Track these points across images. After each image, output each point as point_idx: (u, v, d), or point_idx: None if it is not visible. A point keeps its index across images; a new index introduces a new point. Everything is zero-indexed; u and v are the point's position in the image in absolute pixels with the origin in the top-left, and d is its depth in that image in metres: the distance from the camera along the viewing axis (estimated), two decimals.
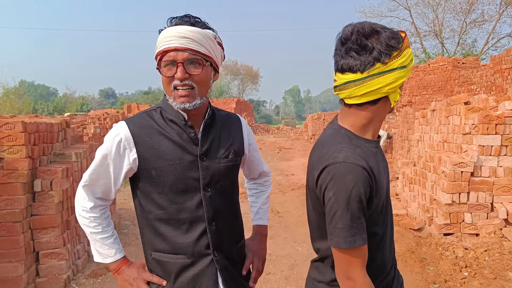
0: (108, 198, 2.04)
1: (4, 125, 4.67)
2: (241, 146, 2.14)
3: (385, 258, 1.80)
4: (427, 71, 23.39)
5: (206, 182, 1.93)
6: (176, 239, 1.94)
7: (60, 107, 59.77)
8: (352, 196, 1.53)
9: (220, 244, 2.00)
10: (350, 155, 1.59)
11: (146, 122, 1.94)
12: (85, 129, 18.70)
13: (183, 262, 1.94)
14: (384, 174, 1.77)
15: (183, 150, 1.90)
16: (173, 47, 1.78)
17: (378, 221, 1.71)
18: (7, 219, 4.62)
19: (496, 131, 6.41)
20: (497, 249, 5.69)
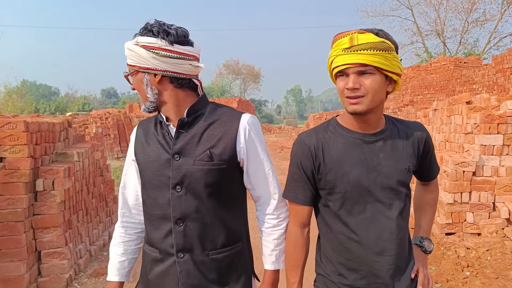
0: (139, 209, 2.16)
1: (6, 125, 4.68)
2: (229, 150, 1.94)
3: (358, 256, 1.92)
4: (429, 70, 23.38)
5: (176, 181, 1.91)
6: (151, 233, 2.02)
7: (62, 107, 59.83)
8: (292, 162, 2.02)
9: (188, 246, 1.93)
10: (306, 132, 2.03)
11: (149, 123, 2.09)
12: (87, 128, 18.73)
13: (156, 256, 2.00)
14: (359, 167, 1.90)
15: (162, 148, 1.96)
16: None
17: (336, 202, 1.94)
18: (9, 219, 4.62)
19: (498, 130, 6.40)
20: (499, 249, 5.68)
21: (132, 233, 2.17)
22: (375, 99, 1.80)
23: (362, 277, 1.92)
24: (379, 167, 1.89)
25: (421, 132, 2.01)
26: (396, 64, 1.80)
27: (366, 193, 1.89)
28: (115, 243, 2.19)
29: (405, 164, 1.93)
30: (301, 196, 2.01)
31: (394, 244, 1.90)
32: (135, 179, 2.12)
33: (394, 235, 1.90)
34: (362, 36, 1.74)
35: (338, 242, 1.96)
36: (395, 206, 1.91)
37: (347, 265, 1.94)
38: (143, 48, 1.86)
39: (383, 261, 1.89)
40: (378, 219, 1.89)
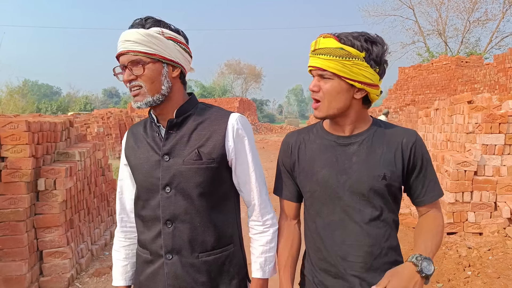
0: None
1: (8, 124, 4.68)
2: (218, 148, 1.92)
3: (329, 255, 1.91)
4: (431, 70, 23.38)
5: (165, 182, 1.90)
6: (142, 235, 2.02)
7: (64, 106, 59.89)
8: (278, 159, 2.14)
9: (176, 248, 1.92)
10: (290, 133, 2.13)
11: (139, 126, 2.10)
12: (89, 128, 18.77)
13: (147, 258, 2.00)
14: (329, 168, 1.89)
15: (151, 150, 1.96)
16: (119, 52, 1.88)
17: (307, 201, 2.02)
18: (11, 218, 4.63)
19: (500, 130, 6.40)
20: (500, 248, 5.68)
21: (132, 237, 2.14)
22: (333, 105, 1.81)
23: (333, 278, 1.90)
24: (349, 171, 1.84)
25: (407, 139, 1.88)
26: (359, 72, 1.75)
27: (335, 196, 1.86)
28: (116, 248, 2.18)
29: (379, 171, 1.82)
30: (286, 192, 2.11)
31: (360, 251, 1.83)
32: (129, 183, 2.11)
33: (361, 242, 1.83)
34: (323, 40, 1.78)
35: (312, 241, 2.00)
36: (365, 213, 1.83)
37: (319, 265, 1.96)
38: (169, 39, 1.88)
39: (347, 266, 1.85)
40: (345, 224, 1.85)
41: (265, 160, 19.09)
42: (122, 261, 2.15)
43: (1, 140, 4.66)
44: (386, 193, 1.84)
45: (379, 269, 1.84)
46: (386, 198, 1.85)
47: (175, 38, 1.91)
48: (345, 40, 1.76)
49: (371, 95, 1.85)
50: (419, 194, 1.93)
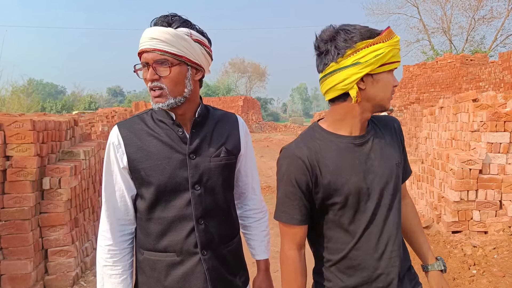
0: (128, 217, 2.03)
1: (13, 123, 4.70)
2: (237, 144, 2.10)
3: (364, 259, 1.85)
4: (435, 68, 23.31)
5: (195, 180, 1.92)
6: (165, 237, 1.95)
7: (68, 105, 59.99)
8: (284, 179, 1.82)
9: (209, 243, 1.97)
10: (293, 144, 1.86)
11: (136, 124, 1.98)
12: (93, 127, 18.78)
13: (173, 260, 1.95)
14: (356, 173, 1.81)
15: (171, 149, 1.92)
16: (144, 49, 1.83)
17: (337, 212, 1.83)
18: (16, 217, 4.65)
19: (505, 128, 6.37)
20: (506, 247, 5.67)
21: (125, 246, 2.04)
22: None
23: (364, 284, 1.87)
24: (373, 168, 1.84)
25: (397, 124, 2.03)
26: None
27: (366, 198, 1.83)
28: (109, 263, 1.99)
29: (395, 159, 1.90)
30: (297, 216, 1.84)
31: (392, 245, 1.86)
32: (122, 189, 1.98)
33: (393, 235, 1.86)
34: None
35: (337, 250, 1.88)
36: (394, 204, 1.87)
37: (347, 273, 1.88)
38: (196, 42, 1.88)
39: (383, 265, 1.85)
40: (377, 223, 1.85)
41: (270, 158, 19.12)
42: (121, 275, 2.00)
43: (6, 139, 4.68)
44: (401, 178, 1.94)
45: (404, 259, 1.95)
46: (400, 188, 1.93)
47: (201, 41, 1.91)
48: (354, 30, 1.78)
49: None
50: (404, 172, 2.03)
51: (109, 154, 1.97)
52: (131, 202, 2.01)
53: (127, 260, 2.05)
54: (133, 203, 2.03)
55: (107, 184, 1.99)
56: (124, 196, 1.99)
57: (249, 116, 46.78)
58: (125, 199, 1.99)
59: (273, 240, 7.42)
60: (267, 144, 27.30)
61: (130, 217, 2.03)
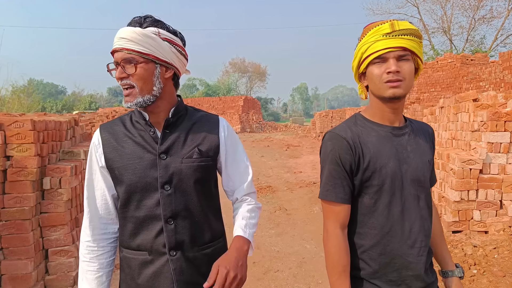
0: (110, 216, 2.07)
1: (13, 123, 4.70)
2: (214, 146, 2.06)
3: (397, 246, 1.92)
4: (435, 68, 23.28)
5: (164, 180, 1.93)
6: (138, 236, 1.97)
7: (69, 105, 60.05)
8: (329, 158, 1.93)
9: (179, 244, 1.96)
10: (337, 127, 2.00)
11: (115, 126, 2.03)
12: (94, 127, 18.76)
13: (145, 259, 1.96)
14: (394, 159, 1.93)
15: (143, 149, 1.94)
16: (114, 48, 1.88)
17: (374, 195, 1.93)
18: (17, 217, 4.65)
19: (505, 128, 6.38)
20: (506, 247, 5.66)
21: (105, 244, 2.07)
22: (410, 84, 1.89)
23: (394, 270, 1.93)
24: (408, 160, 1.94)
25: (431, 130, 2.13)
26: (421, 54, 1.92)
27: (400, 186, 1.92)
28: (86, 259, 2.03)
29: (428, 157, 2.01)
30: (341, 194, 1.93)
31: (422, 235, 1.94)
32: (103, 187, 2.03)
33: (422, 227, 1.94)
34: (401, 22, 1.86)
35: (371, 236, 1.96)
36: (422, 198, 1.96)
37: (379, 260, 1.94)
38: (165, 40, 1.91)
39: (414, 253, 1.92)
40: (410, 212, 1.93)
41: (270, 158, 19.12)
42: (96, 272, 2.03)
43: (7, 139, 4.68)
44: (429, 177, 2.03)
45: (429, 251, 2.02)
46: (429, 185, 2.05)
47: (171, 40, 1.94)
48: (412, 23, 1.89)
49: (415, 78, 1.98)
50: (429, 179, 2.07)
51: (91, 154, 2.03)
52: (112, 201, 2.05)
53: (105, 258, 2.06)
54: (115, 202, 2.06)
55: (89, 182, 2.04)
56: (105, 195, 2.03)
57: (249, 116, 46.79)
58: (105, 198, 2.04)
59: (273, 239, 7.43)
60: (267, 144, 27.28)
61: (111, 216, 2.06)
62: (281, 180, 13.16)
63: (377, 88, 1.91)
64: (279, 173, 14.54)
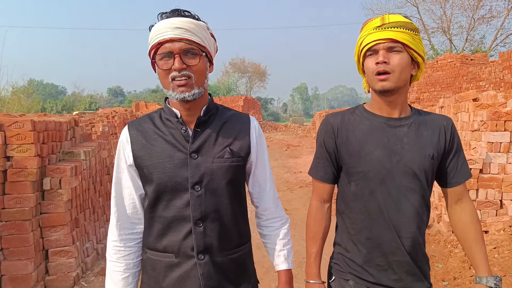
0: (137, 215, 2.01)
1: (13, 124, 4.70)
2: (245, 146, 1.98)
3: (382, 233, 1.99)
4: (435, 67, 23.29)
5: (195, 180, 1.85)
6: (165, 237, 1.90)
7: (69, 106, 60.00)
8: (317, 141, 2.17)
9: (208, 247, 1.88)
10: (332, 114, 2.15)
11: (144, 123, 1.96)
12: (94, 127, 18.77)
13: (171, 261, 1.90)
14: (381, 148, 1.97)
15: (174, 148, 1.87)
16: (168, 38, 1.76)
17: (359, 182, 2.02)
18: (17, 217, 4.65)
19: (505, 127, 6.38)
20: (506, 246, 5.66)
21: (132, 245, 2.01)
22: (401, 77, 1.90)
23: (381, 255, 1.99)
24: (402, 151, 1.95)
25: (447, 122, 2.06)
26: (420, 48, 1.93)
27: (388, 176, 1.95)
28: (113, 259, 1.99)
29: (429, 151, 1.97)
30: (321, 173, 2.15)
31: (413, 226, 1.96)
32: (130, 186, 1.97)
33: (413, 218, 1.96)
34: (392, 16, 1.91)
35: (358, 221, 2.05)
36: (417, 191, 1.96)
37: (366, 244, 2.02)
38: (212, 37, 1.91)
39: (399, 241, 1.96)
40: (400, 202, 1.96)
41: (270, 158, 18.96)
42: (123, 272, 1.99)
43: (7, 139, 4.68)
44: (430, 172, 2.00)
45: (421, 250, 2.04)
46: (429, 179, 2.01)
47: (214, 37, 1.94)
48: (409, 17, 1.92)
49: (419, 73, 2.01)
50: (455, 174, 2.07)
51: (119, 152, 1.96)
52: (139, 200, 1.99)
53: (132, 259, 2.00)
54: (142, 201, 2.00)
55: (116, 181, 1.98)
56: (132, 194, 1.97)
57: None
58: (133, 197, 1.97)
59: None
60: (267, 144, 27.04)
61: (139, 215, 2.00)
62: (281, 180, 13.15)
63: (370, 81, 1.97)
64: (279, 173, 14.52)
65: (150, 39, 1.83)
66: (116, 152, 1.99)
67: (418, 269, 2.01)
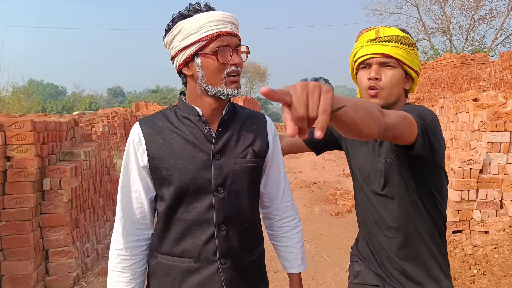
0: (144, 221, 1.89)
1: (13, 124, 4.70)
2: (264, 146, 1.92)
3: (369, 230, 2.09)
4: (435, 68, 23.30)
5: (219, 182, 1.77)
6: (183, 242, 1.80)
7: (69, 106, 60.01)
8: None
9: (230, 251, 1.81)
10: None
11: (158, 121, 1.84)
12: (94, 127, 18.78)
13: (189, 267, 1.80)
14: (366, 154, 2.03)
15: (195, 148, 1.77)
16: (226, 31, 1.71)
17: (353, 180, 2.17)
18: (17, 218, 4.65)
19: (505, 127, 6.38)
20: (506, 246, 5.66)
21: (139, 252, 1.89)
22: (392, 93, 1.86)
23: (374, 250, 2.06)
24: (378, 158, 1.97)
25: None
26: (416, 62, 1.88)
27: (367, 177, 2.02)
28: (117, 269, 1.87)
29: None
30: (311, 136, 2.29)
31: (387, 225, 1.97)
32: (139, 190, 1.84)
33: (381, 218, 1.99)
34: (388, 29, 1.85)
35: (358, 215, 2.16)
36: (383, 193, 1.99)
37: (362, 239, 2.16)
38: None
39: (384, 237, 1.99)
40: (374, 202, 2.01)
41: None
42: (128, 283, 1.87)
43: (7, 139, 4.68)
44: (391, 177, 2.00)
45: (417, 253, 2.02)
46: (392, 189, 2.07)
47: None
48: (406, 31, 1.88)
49: (414, 86, 1.97)
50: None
51: (129, 152, 1.83)
52: (148, 204, 1.87)
53: (138, 268, 1.90)
54: (151, 205, 1.89)
55: (124, 184, 1.86)
56: (141, 198, 1.85)
57: None
58: (141, 201, 1.85)
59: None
60: None
61: (146, 221, 1.89)
62: None
63: (362, 94, 1.94)
64: None
65: (198, 29, 1.69)
66: (125, 152, 1.85)
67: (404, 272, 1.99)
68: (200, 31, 1.69)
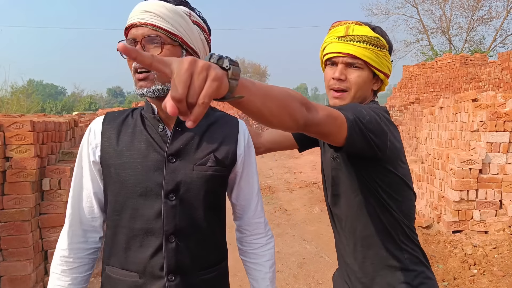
0: (93, 222, 1.73)
1: (13, 124, 4.69)
2: (231, 154, 1.70)
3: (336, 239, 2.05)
4: (435, 68, 23.31)
5: (170, 188, 1.58)
6: (129, 253, 1.61)
7: (68, 106, 59.98)
8: None
9: (180, 266, 1.60)
10: None
11: (121, 115, 1.71)
12: None
13: (135, 282, 1.60)
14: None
15: (149, 148, 1.60)
16: (133, 22, 1.53)
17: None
18: (16, 218, 4.64)
19: (505, 128, 6.38)
20: (506, 246, 5.66)
21: (83, 256, 1.71)
22: (358, 95, 1.79)
23: (339, 251, 2.01)
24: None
25: None
26: (385, 64, 1.79)
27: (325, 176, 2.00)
28: (57, 271, 1.68)
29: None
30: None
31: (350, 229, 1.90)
32: (89, 188, 1.69)
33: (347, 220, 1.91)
34: (358, 27, 1.75)
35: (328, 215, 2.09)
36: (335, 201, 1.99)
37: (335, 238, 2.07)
38: (195, 24, 1.63)
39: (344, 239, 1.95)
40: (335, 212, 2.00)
41: (270, 158, 19.10)
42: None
43: (6, 140, 4.67)
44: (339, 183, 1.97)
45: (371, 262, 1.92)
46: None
47: (201, 25, 1.66)
48: (377, 30, 1.78)
49: (383, 87, 1.89)
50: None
51: (83, 144, 1.69)
52: (98, 205, 1.71)
53: (80, 272, 1.71)
54: (101, 206, 1.73)
55: (76, 179, 1.72)
56: (90, 197, 1.70)
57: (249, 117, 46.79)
58: (91, 200, 1.70)
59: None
60: None
61: (95, 222, 1.73)
62: (281, 180, 13.15)
63: (327, 92, 1.86)
64: (279, 174, 14.52)
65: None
66: (81, 143, 1.71)
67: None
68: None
